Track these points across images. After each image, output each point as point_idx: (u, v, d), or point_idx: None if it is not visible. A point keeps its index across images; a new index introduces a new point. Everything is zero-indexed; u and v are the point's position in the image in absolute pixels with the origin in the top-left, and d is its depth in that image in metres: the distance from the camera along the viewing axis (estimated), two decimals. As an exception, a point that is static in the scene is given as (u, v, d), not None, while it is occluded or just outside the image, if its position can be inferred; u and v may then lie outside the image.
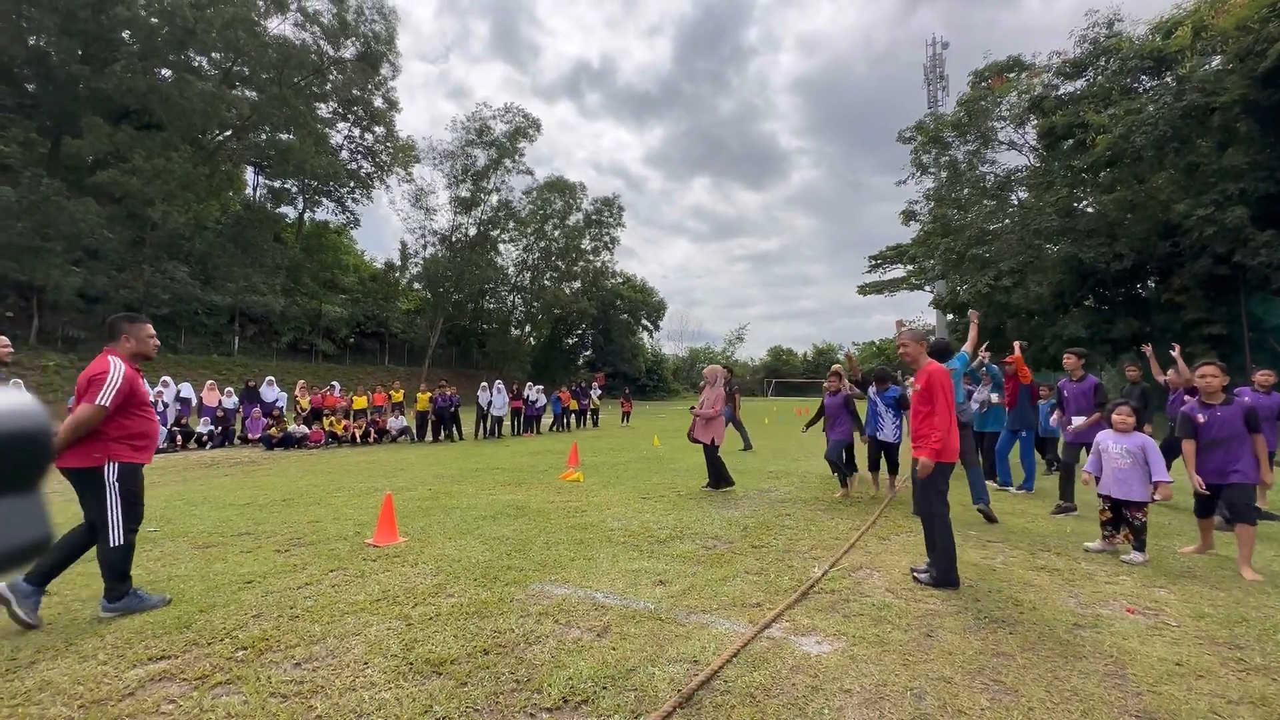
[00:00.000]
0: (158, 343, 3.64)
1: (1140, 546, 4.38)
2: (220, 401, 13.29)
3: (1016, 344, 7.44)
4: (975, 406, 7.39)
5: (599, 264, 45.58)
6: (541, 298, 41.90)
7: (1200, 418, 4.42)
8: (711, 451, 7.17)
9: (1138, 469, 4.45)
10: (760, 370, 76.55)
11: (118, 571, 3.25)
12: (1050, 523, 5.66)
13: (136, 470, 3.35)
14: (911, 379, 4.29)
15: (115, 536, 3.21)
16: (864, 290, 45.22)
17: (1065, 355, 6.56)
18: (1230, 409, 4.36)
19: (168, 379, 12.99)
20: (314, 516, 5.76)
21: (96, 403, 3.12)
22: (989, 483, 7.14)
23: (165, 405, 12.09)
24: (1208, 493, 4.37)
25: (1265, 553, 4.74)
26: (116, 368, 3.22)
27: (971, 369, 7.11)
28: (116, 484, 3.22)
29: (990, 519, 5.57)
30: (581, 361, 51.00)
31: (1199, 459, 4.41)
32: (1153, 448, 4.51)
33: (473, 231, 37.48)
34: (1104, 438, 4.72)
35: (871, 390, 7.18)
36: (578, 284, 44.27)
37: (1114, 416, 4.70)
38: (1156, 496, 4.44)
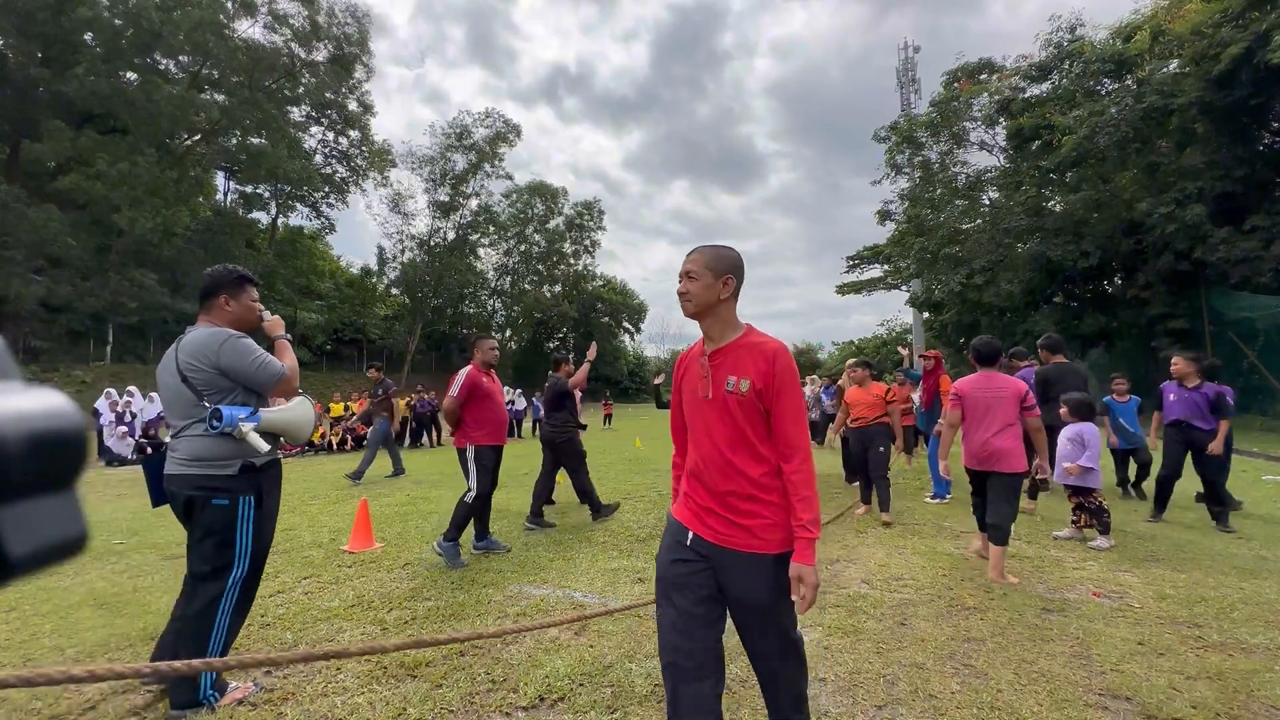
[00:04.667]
0: (498, 353, 4.81)
1: (1105, 530, 4.52)
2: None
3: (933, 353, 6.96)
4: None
5: (580, 267, 45.55)
6: (522, 301, 41.68)
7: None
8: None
9: (1077, 456, 4.67)
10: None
11: (457, 521, 4.31)
12: (1021, 516, 5.79)
13: (488, 450, 4.44)
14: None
15: (469, 496, 4.37)
16: (842, 290, 45.68)
17: (1173, 360, 5.54)
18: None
19: (133, 389, 12.64)
20: (287, 524, 5.64)
21: (449, 394, 4.41)
22: (933, 500, 6.30)
23: (133, 416, 11.77)
24: None
25: (1224, 535, 4.92)
26: (463, 372, 4.49)
27: (906, 369, 7.19)
28: (474, 461, 4.37)
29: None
30: (563, 365, 50.76)
31: None
32: (1092, 436, 4.71)
33: (451, 236, 37.14)
34: (1061, 432, 4.99)
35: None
36: (558, 287, 44.16)
37: (1060, 411, 5.00)
38: (1064, 465, 4.72)
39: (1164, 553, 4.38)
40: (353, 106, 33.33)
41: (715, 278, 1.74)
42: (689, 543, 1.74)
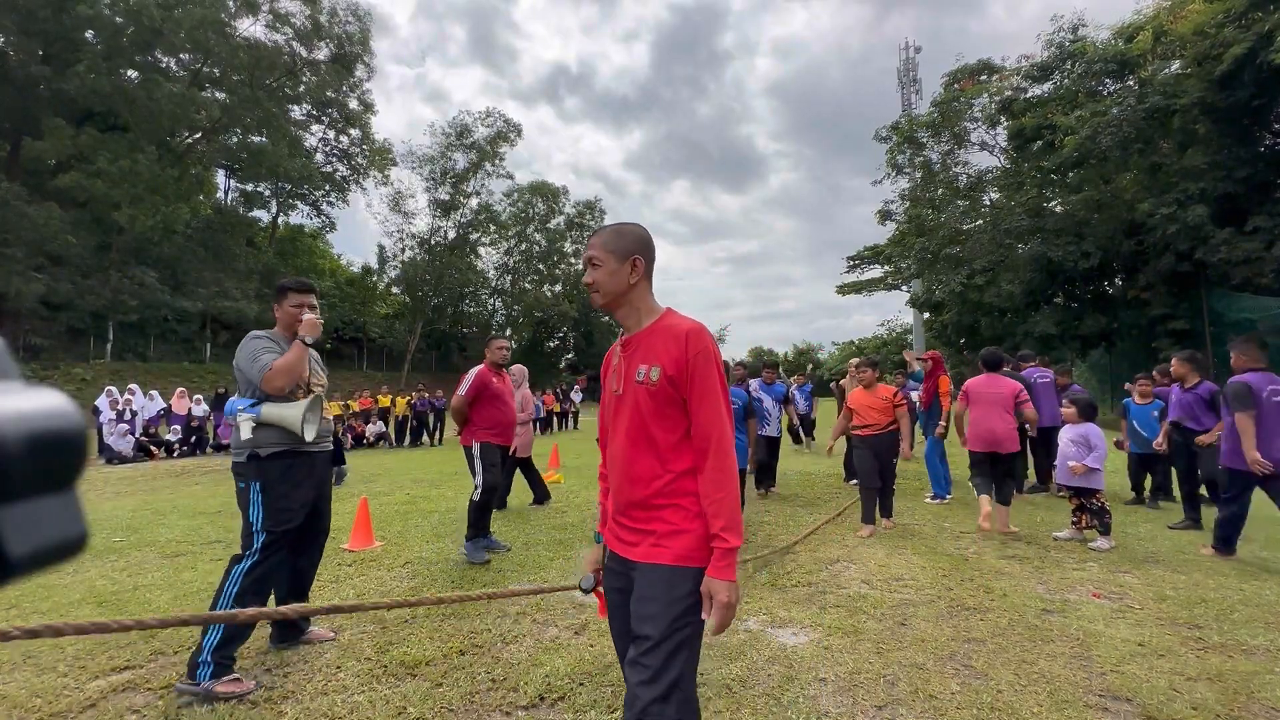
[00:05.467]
0: (507, 352, 4.74)
1: (1105, 531, 4.51)
2: (190, 409, 12.98)
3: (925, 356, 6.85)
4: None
5: (581, 267, 45.54)
6: (522, 301, 41.64)
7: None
8: (524, 464, 6.43)
9: (1082, 457, 4.67)
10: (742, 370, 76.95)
11: (470, 519, 4.35)
12: (1022, 514, 5.78)
13: (493, 449, 4.44)
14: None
15: (474, 495, 4.38)
16: (843, 290, 45.78)
17: (1174, 361, 5.42)
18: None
19: (134, 386, 12.64)
20: (288, 523, 5.64)
21: (458, 393, 4.43)
22: (933, 500, 6.36)
23: (133, 414, 11.77)
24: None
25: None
26: (474, 372, 4.50)
27: (910, 372, 7.21)
28: (479, 459, 4.39)
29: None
30: (563, 364, 50.81)
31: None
32: (1097, 437, 4.70)
33: (452, 235, 37.13)
34: (1062, 431, 5.01)
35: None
36: (559, 287, 44.12)
37: (1062, 411, 5.06)
38: (1069, 464, 4.71)
39: (1164, 554, 4.37)
40: (353, 105, 33.29)
41: (620, 261, 1.56)
42: (607, 560, 1.58)
